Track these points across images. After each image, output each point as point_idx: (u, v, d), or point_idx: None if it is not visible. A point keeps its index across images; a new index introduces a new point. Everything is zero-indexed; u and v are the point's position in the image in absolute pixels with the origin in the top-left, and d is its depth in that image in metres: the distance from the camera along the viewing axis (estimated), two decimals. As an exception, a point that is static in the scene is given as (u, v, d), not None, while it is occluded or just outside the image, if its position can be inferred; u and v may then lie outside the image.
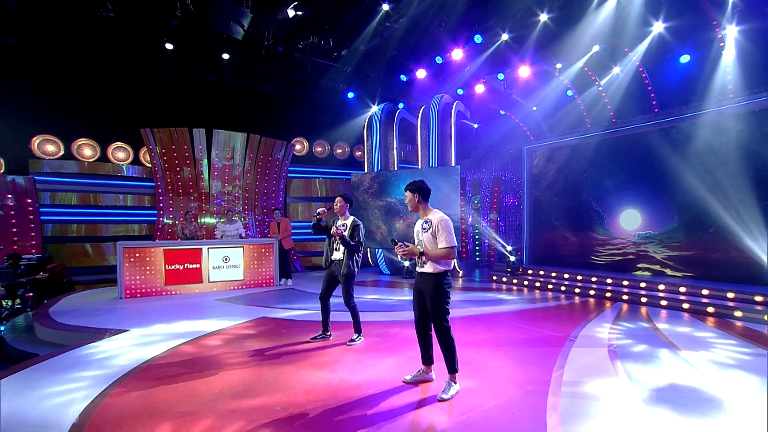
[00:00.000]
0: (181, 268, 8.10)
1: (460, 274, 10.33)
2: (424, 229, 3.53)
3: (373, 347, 4.78)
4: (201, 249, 8.34)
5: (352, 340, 4.93)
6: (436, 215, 3.52)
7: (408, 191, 3.61)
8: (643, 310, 6.73)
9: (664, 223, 7.76)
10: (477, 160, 13.12)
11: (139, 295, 7.65)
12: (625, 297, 7.15)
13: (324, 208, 4.90)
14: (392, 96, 11.91)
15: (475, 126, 12.62)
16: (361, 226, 4.99)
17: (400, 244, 3.52)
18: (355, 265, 4.87)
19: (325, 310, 5.08)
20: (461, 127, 10.06)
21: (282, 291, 8.69)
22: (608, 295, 7.43)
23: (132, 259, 7.57)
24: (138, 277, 7.63)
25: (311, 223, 5.03)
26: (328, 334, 5.13)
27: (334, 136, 12.97)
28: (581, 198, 9.12)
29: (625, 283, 7.48)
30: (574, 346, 4.76)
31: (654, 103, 8.41)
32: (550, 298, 7.77)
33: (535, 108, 10.86)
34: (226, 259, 8.62)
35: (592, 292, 7.68)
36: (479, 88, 10.80)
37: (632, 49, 8.03)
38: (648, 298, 6.86)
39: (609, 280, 7.75)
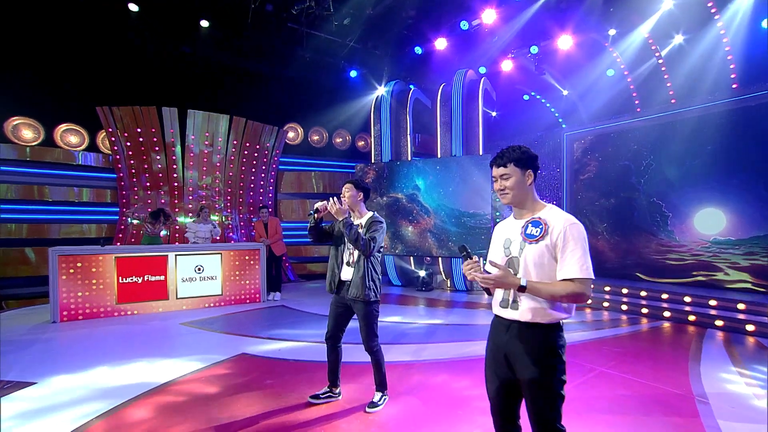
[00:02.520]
0: (140, 281, 6.38)
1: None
2: (531, 236, 1.88)
3: (409, 417, 3.11)
4: (166, 257, 6.61)
5: (374, 404, 3.27)
6: (557, 214, 1.88)
7: (510, 164, 1.93)
8: (750, 340, 5.14)
9: (755, 226, 6.15)
10: (496, 152, 11.49)
11: (80, 318, 5.90)
12: (719, 323, 5.55)
13: (325, 202, 3.24)
14: (402, 74, 10.22)
15: (493, 114, 10.99)
16: (384, 224, 3.33)
17: (475, 259, 1.89)
18: (374, 283, 3.24)
19: (334, 356, 3.41)
20: (469, 118, 8.43)
21: (270, 310, 6.99)
22: (692, 319, 5.83)
23: (71, 270, 5.83)
24: (79, 294, 5.88)
25: (307, 225, 3.42)
26: (337, 391, 3.46)
27: (333, 123, 11.26)
28: (636, 194, 7.49)
29: (713, 303, 5.88)
30: (719, 417, 3.12)
31: (733, 76, 6.83)
32: (609, 321, 6.16)
33: (565, 92, 9.26)
34: (199, 269, 6.90)
35: (666, 314, 6.07)
36: (506, 65, 9.18)
37: (720, 10, 6.43)
38: (756, 325, 5.25)
39: (687, 299, 6.15)
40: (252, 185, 9.83)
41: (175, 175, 8.82)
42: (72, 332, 5.39)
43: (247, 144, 9.49)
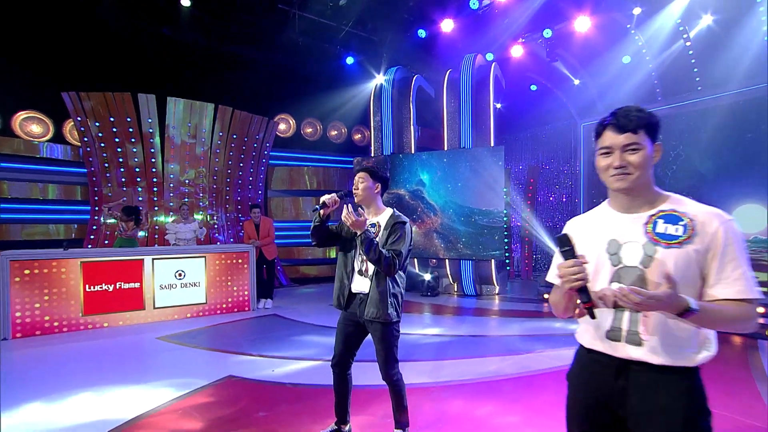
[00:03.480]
0: (111, 288, 5.60)
1: (496, 290, 8.05)
2: (669, 237, 1.26)
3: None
4: (142, 260, 5.86)
5: (397, 448, 2.60)
6: (699, 207, 1.30)
7: (641, 130, 1.29)
8: (810, 353, 4.59)
9: None
10: (507, 144, 10.88)
11: (38, 333, 5.11)
12: (769, 331, 4.98)
13: (334, 195, 2.62)
14: (402, 62, 9.55)
15: (498, 106, 10.38)
16: (409, 226, 2.65)
17: (584, 258, 1.31)
18: (396, 299, 2.59)
19: (344, 387, 2.74)
20: (479, 107, 7.78)
21: (261, 320, 6.28)
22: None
23: (26, 279, 5.04)
24: (37, 306, 5.09)
25: (311, 226, 2.73)
26: (347, 429, 2.78)
27: (328, 115, 10.55)
28: (663, 187, 6.89)
29: (761, 310, 5.31)
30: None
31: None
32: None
33: (576, 82, 8.67)
34: (180, 275, 6.16)
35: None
36: (516, 51, 8.58)
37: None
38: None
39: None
40: (240, 181, 9.07)
41: (153, 170, 8.02)
42: (25, 352, 4.60)
43: (235, 136, 8.73)
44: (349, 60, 9.76)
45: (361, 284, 2.58)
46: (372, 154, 8.87)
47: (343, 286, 2.64)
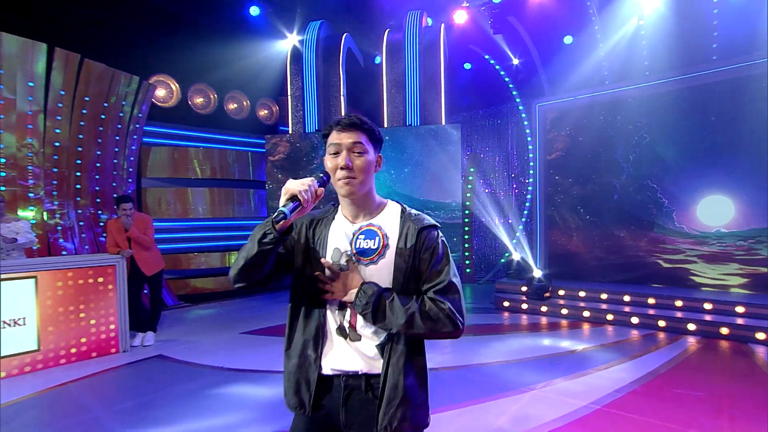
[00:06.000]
0: None
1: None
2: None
3: None
4: None
5: None
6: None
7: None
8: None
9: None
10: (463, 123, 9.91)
11: None
12: (761, 335, 4.65)
13: (309, 183, 1.22)
14: (324, 16, 7.90)
15: (467, 66, 9.24)
16: (445, 241, 1.37)
17: None
18: (426, 381, 1.36)
19: None
20: (428, 75, 6.68)
21: (138, 367, 4.26)
22: (725, 332, 4.86)
23: None
24: None
25: (262, 237, 1.19)
26: None
27: (225, 82, 8.39)
28: (627, 179, 6.49)
29: (740, 309, 5.05)
30: None
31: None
32: (631, 341, 5.02)
33: (516, 61, 8.06)
34: (-14, 310, 3.80)
35: (691, 327, 5.04)
36: (459, 17, 7.62)
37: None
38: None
39: (708, 306, 5.24)
40: (99, 164, 6.53)
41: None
42: None
43: (87, 98, 6.21)
44: (254, 10, 7.80)
45: (347, 357, 1.31)
46: (290, 131, 7.13)
47: (307, 365, 1.33)
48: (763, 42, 5.30)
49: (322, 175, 1.26)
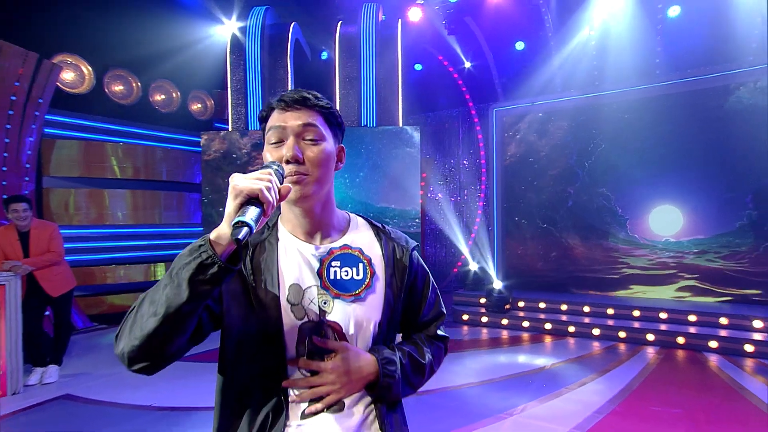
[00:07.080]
0: None
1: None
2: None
3: None
4: None
5: None
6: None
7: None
8: (749, 363, 4.55)
9: (721, 224, 5.69)
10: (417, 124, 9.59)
11: None
12: (713, 344, 4.80)
13: (267, 173, 0.76)
14: (266, 2, 7.21)
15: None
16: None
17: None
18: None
19: None
20: (384, 73, 6.35)
21: (35, 414, 3.41)
22: (680, 341, 4.98)
23: None
24: None
25: (197, 273, 0.70)
26: None
27: (150, 67, 7.37)
28: (583, 188, 6.57)
29: (692, 318, 5.21)
30: None
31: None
32: (594, 354, 5.00)
33: (468, 65, 7.98)
34: None
35: (650, 338, 5.12)
36: (414, 15, 7.36)
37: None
38: (755, 345, 4.64)
39: (663, 315, 5.36)
40: (-17, 158, 5.37)
41: None
42: None
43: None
44: (188, -10, 6.97)
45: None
46: (229, 128, 6.40)
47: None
48: (715, 57, 5.56)
49: (276, 167, 0.80)
